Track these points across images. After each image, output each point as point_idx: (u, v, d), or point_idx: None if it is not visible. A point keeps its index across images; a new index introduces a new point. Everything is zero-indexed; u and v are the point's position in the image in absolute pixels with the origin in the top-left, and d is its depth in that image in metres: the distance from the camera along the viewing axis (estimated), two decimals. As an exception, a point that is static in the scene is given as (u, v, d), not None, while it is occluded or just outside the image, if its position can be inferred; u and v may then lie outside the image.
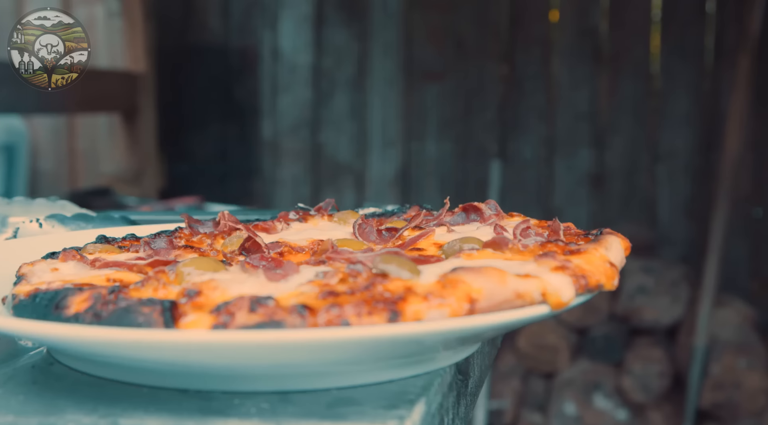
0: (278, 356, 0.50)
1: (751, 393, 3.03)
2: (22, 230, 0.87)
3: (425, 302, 0.51)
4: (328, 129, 3.82)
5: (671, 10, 3.50)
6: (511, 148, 3.64)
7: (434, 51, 3.69)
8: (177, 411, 0.52)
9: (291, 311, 0.50)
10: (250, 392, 0.54)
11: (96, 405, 0.52)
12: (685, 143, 3.51)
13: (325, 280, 0.56)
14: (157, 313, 0.52)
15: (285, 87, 3.84)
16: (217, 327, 0.50)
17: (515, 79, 3.63)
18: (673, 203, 3.54)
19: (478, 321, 0.50)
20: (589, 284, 0.56)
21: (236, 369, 0.53)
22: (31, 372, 0.59)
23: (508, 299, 0.52)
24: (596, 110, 3.58)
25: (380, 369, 0.56)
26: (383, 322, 0.50)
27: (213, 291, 0.55)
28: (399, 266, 0.55)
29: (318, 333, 0.47)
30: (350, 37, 3.77)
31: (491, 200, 0.81)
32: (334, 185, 3.83)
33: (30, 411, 0.51)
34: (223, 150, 3.96)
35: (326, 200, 0.87)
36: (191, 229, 0.82)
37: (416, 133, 3.73)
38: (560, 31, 3.60)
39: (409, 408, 0.52)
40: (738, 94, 3.22)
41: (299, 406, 0.52)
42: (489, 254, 0.62)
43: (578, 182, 3.59)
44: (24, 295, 0.60)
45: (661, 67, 3.53)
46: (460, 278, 0.53)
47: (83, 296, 0.56)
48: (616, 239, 0.63)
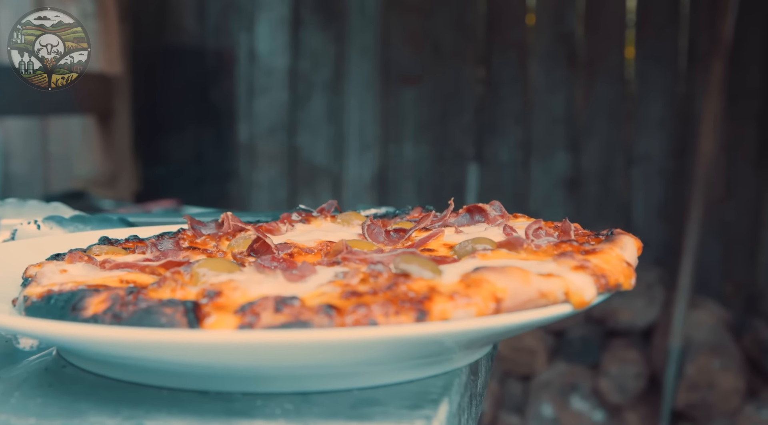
0: (306, 356, 0.49)
1: (724, 393, 3.06)
2: (21, 231, 0.86)
3: (451, 302, 0.51)
4: (305, 132, 3.81)
5: (645, 14, 3.53)
6: (488, 151, 3.65)
7: (411, 54, 3.69)
8: (201, 412, 0.51)
9: (317, 311, 0.50)
10: (271, 393, 0.54)
11: (117, 408, 0.52)
12: (659, 146, 3.55)
13: (345, 280, 0.56)
14: (180, 314, 0.51)
15: (261, 90, 3.83)
16: (243, 328, 0.50)
17: (492, 83, 3.65)
18: (648, 207, 3.57)
19: (507, 320, 0.50)
20: (608, 283, 0.56)
21: (261, 370, 0.52)
22: (45, 375, 0.58)
23: (532, 298, 0.52)
24: (572, 114, 3.60)
25: (401, 370, 0.56)
26: (410, 322, 0.50)
27: (233, 292, 0.55)
28: (421, 266, 0.55)
29: (349, 332, 0.47)
30: (327, 39, 3.77)
31: (495, 202, 0.81)
32: (310, 188, 3.82)
33: (51, 414, 0.51)
34: (199, 153, 3.94)
35: (328, 202, 0.87)
36: (194, 230, 0.81)
37: (393, 136, 3.74)
38: (536, 35, 3.62)
39: (434, 408, 0.52)
40: (711, 98, 3.26)
41: (323, 407, 0.52)
42: (504, 254, 0.63)
43: (554, 185, 3.61)
44: (36, 297, 0.59)
45: (636, 72, 3.57)
46: (483, 277, 0.53)
47: (101, 297, 0.55)
48: (630, 239, 0.63)
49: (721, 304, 3.31)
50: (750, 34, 3.40)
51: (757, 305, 3.30)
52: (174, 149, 3.90)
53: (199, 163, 3.93)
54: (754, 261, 3.46)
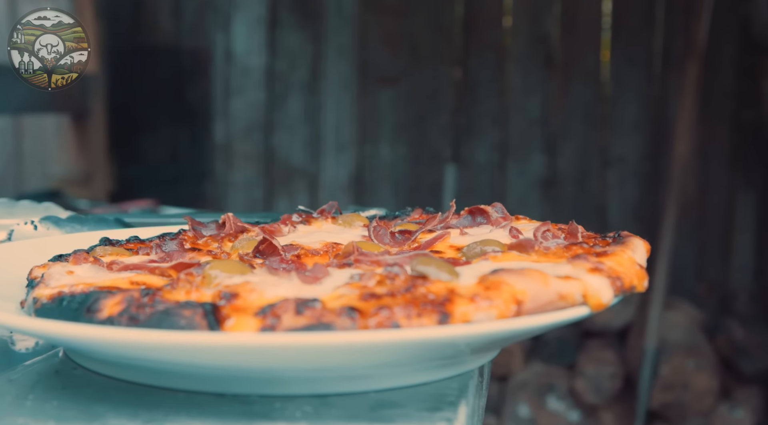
0: (331, 358, 0.49)
1: (698, 393, 3.10)
2: (17, 232, 0.85)
3: (473, 304, 0.51)
4: (282, 132, 3.80)
5: (621, 17, 3.56)
6: (465, 152, 3.67)
7: (388, 55, 3.70)
8: (221, 415, 0.51)
9: (339, 313, 0.50)
10: (288, 395, 0.54)
11: (136, 410, 0.51)
12: (635, 148, 3.58)
13: (362, 282, 0.56)
14: (199, 316, 0.51)
15: (238, 89, 3.81)
16: (265, 330, 0.50)
17: (469, 84, 3.66)
18: (623, 208, 3.60)
19: (530, 322, 0.50)
20: (623, 285, 0.57)
21: (281, 372, 0.52)
22: (57, 378, 0.58)
23: (551, 300, 0.53)
24: (548, 116, 3.62)
25: (417, 372, 0.56)
26: (433, 324, 0.50)
27: (250, 294, 0.55)
28: (438, 268, 0.55)
29: (376, 335, 0.47)
30: (304, 39, 3.76)
31: (497, 203, 0.82)
32: (287, 188, 3.81)
33: (69, 417, 0.50)
34: (174, 153, 3.92)
35: (329, 203, 0.87)
36: (195, 231, 0.81)
37: (370, 137, 3.74)
38: (513, 37, 3.63)
39: (453, 410, 0.52)
40: (686, 101, 3.29)
41: (342, 409, 0.52)
42: (515, 256, 0.63)
43: (530, 186, 3.63)
44: (46, 298, 0.59)
45: (611, 74, 3.60)
46: (502, 279, 0.53)
47: (115, 299, 0.54)
48: (640, 242, 0.64)
49: (695, 305, 3.35)
50: (723, 38, 3.44)
51: (731, 306, 3.34)
52: (149, 149, 3.87)
53: (175, 163, 3.90)
54: (727, 262, 3.51)
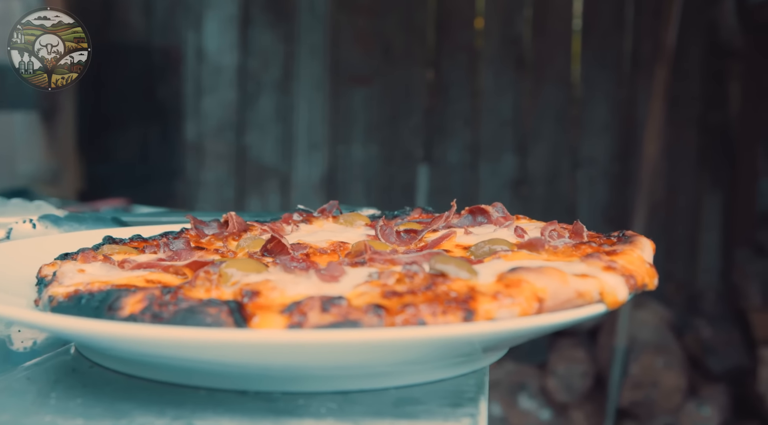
0: (358, 355, 0.50)
1: (667, 391, 3.15)
2: (16, 230, 0.84)
3: (496, 302, 0.52)
4: (254, 131, 3.79)
5: (591, 20, 3.60)
6: (437, 153, 3.68)
7: (361, 55, 3.70)
8: (247, 412, 0.51)
9: (366, 311, 0.51)
10: (310, 392, 0.55)
11: (161, 408, 0.52)
12: (604, 149, 3.62)
13: (381, 280, 0.56)
14: (225, 314, 0.52)
15: (209, 88, 3.79)
16: (293, 327, 0.50)
17: (441, 85, 3.68)
18: (593, 208, 3.64)
19: (552, 319, 0.52)
20: (636, 284, 0.58)
21: (307, 369, 0.53)
22: (75, 376, 0.58)
23: (570, 298, 0.54)
24: (519, 117, 3.65)
25: (435, 369, 0.57)
26: (458, 321, 0.51)
27: (271, 292, 0.55)
28: (458, 266, 0.56)
29: (408, 332, 0.48)
30: (276, 38, 3.75)
31: (498, 203, 0.83)
32: (259, 188, 3.80)
33: (96, 415, 0.50)
34: (145, 151, 3.89)
35: (330, 203, 0.88)
36: (197, 230, 0.81)
37: (343, 136, 3.74)
38: (485, 39, 3.66)
39: (474, 406, 0.53)
40: (655, 103, 3.34)
41: (366, 405, 0.53)
42: (525, 255, 0.64)
43: (502, 187, 3.66)
44: (63, 297, 0.59)
45: (581, 76, 3.63)
46: (522, 278, 0.54)
47: (137, 297, 0.55)
48: (647, 241, 0.65)
49: (663, 304, 3.40)
50: (691, 42, 3.50)
51: (698, 305, 3.39)
52: (120, 147, 3.84)
53: (145, 161, 3.87)
54: (694, 262, 3.56)
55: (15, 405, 0.52)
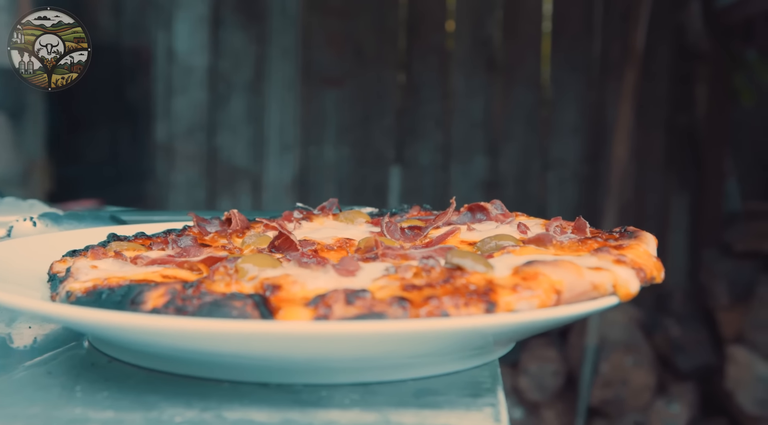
0: (385, 346, 0.51)
1: (636, 389, 3.19)
2: (17, 228, 0.84)
3: (515, 294, 0.53)
4: (225, 133, 3.78)
5: (561, 23, 3.65)
6: (409, 154, 3.70)
7: (333, 57, 3.71)
8: (274, 403, 0.52)
9: (390, 303, 0.52)
10: (330, 384, 0.56)
11: (188, 400, 0.52)
12: (574, 151, 3.66)
13: (400, 274, 0.58)
14: (250, 307, 0.52)
15: (180, 89, 3.77)
16: (319, 319, 0.51)
17: (413, 87, 3.70)
18: (563, 209, 3.68)
19: (571, 310, 0.53)
20: (646, 277, 0.60)
21: (332, 361, 0.54)
22: (96, 370, 0.58)
23: (585, 290, 0.55)
24: (490, 119, 3.68)
25: (452, 361, 0.58)
26: (480, 313, 0.52)
27: (292, 286, 0.56)
28: (474, 260, 0.57)
29: (439, 323, 0.49)
30: (248, 40, 3.75)
31: (496, 200, 0.84)
32: (230, 189, 3.79)
33: (125, 407, 0.51)
34: (114, 152, 3.86)
35: (329, 200, 0.89)
36: (200, 227, 0.82)
37: (314, 138, 3.74)
38: (456, 41, 3.68)
39: (493, 396, 0.55)
40: (624, 106, 3.39)
41: (387, 396, 0.54)
42: (533, 250, 0.65)
43: (473, 188, 3.69)
44: (81, 292, 0.59)
45: (551, 78, 3.68)
46: (538, 270, 0.55)
47: (159, 291, 0.55)
48: (651, 236, 0.67)
49: (633, 304, 3.44)
50: (659, 46, 3.55)
51: (667, 304, 3.44)
52: (89, 148, 3.81)
53: (115, 163, 3.84)
54: (662, 262, 3.61)
55: (42, 398, 0.52)
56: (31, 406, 0.50)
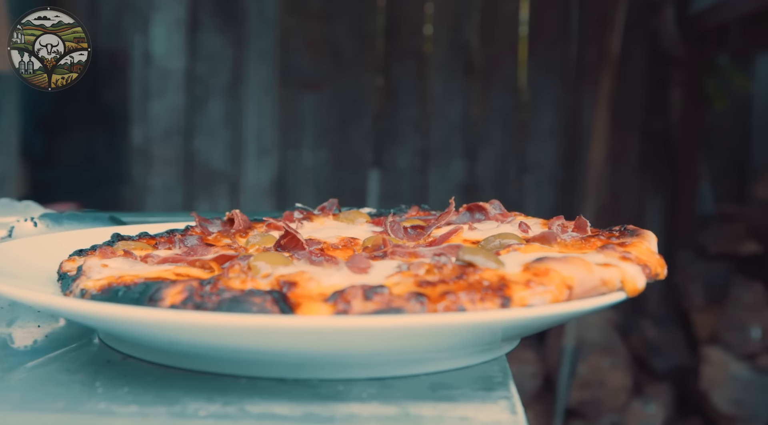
0: (405, 341, 0.52)
1: (613, 390, 3.23)
2: (18, 229, 0.84)
3: (529, 289, 0.55)
4: (202, 136, 3.77)
5: (537, 27, 3.68)
6: (387, 158, 3.72)
7: (311, 60, 3.71)
8: (294, 397, 0.53)
9: (408, 298, 0.53)
10: (346, 379, 0.56)
11: (209, 395, 0.53)
12: (550, 155, 3.70)
13: (413, 271, 0.59)
14: (269, 303, 0.53)
15: (157, 92, 3.76)
16: (339, 315, 0.52)
17: (391, 91, 3.71)
18: (539, 212, 3.69)
19: (582, 305, 0.54)
20: (651, 273, 0.61)
21: (352, 356, 0.55)
22: (112, 367, 0.59)
23: (595, 286, 0.57)
24: (468, 122, 3.71)
25: (464, 356, 0.59)
26: (495, 308, 0.53)
27: (308, 283, 0.57)
28: (485, 257, 0.59)
29: (461, 317, 0.50)
30: (225, 43, 3.74)
31: (495, 201, 0.86)
32: (208, 192, 3.78)
33: (147, 402, 0.52)
34: (90, 155, 3.83)
35: (329, 200, 0.90)
36: (202, 227, 0.82)
37: (292, 141, 3.75)
38: (434, 45, 3.71)
39: (506, 390, 0.56)
40: (600, 110, 3.43)
41: (404, 390, 0.55)
42: (538, 247, 0.67)
43: (451, 191, 3.71)
44: (96, 290, 0.59)
45: (528, 82, 3.71)
46: (549, 267, 0.57)
47: (177, 288, 0.56)
48: (652, 234, 0.69)
49: (609, 305, 3.48)
50: (634, 50, 3.60)
51: (643, 306, 3.48)
52: (65, 152, 3.78)
53: (91, 166, 3.82)
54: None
55: (64, 394, 0.52)
56: (55, 402, 0.51)
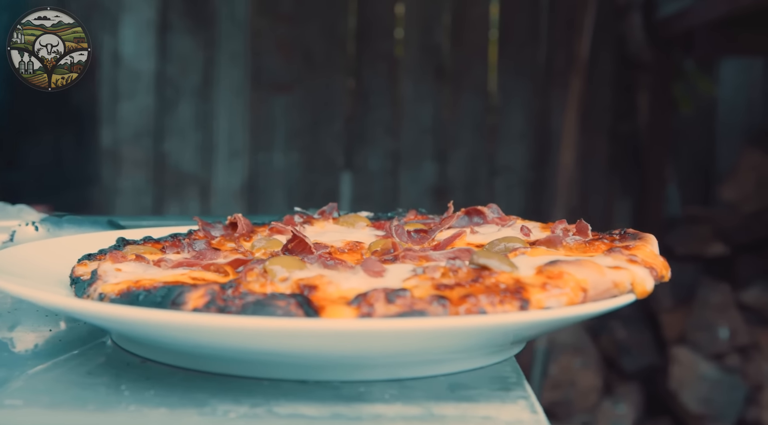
0: (428, 342, 0.53)
1: (584, 390, 3.27)
2: (19, 233, 0.84)
3: (546, 292, 0.56)
4: (173, 138, 3.75)
5: (507, 31, 3.72)
6: (358, 160, 3.73)
7: (282, 62, 3.71)
8: (319, 398, 0.54)
9: (430, 301, 0.54)
10: (365, 380, 0.58)
11: (235, 397, 0.54)
12: (521, 157, 3.73)
13: (429, 274, 0.60)
14: (294, 306, 0.54)
15: (126, 94, 3.74)
16: (363, 318, 0.53)
17: (362, 93, 3.73)
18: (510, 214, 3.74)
19: (597, 307, 0.56)
20: (657, 275, 0.63)
21: (374, 357, 0.56)
22: (132, 370, 0.59)
23: (607, 288, 0.59)
24: (439, 125, 3.73)
25: (478, 357, 0.61)
26: (515, 310, 0.55)
27: (328, 286, 0.58)
28: (500, 260, 0.60)
29: (482, 319, 0.52)
30: (196, 45, 3.73)
31: (493, 205, 0.87)
32: (178, 195, 3.76)
33: (175, 404, 0.52)
34: (58, 158, 3.79)
35: (329, 204, 0.91)
36: (205, 232, 0.83)
37: (263, 143, 3.74)
38: (405, 48, 3.73)
39: (522, 389, 0.58)
40: (570, 113, 3.48)
41: (423, 391, 0.56)
42: (544, 251, 0.69)
43: (422, 194, 3.73)
44: (115, 294, 0.60)
45: (498, 85, 3.74)
46: (563, 270, 0.58)
47: (199, 292, 0.57)
48: (653, 238, 0.71)
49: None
50: (602, 54, 3.65)
51: (611, 307, 3.53)
52: (32, 153, 3.74)
53: (60, 168, 3.78)
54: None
55: (92, 397, 0.53)
56: (86, 405, 0.51)
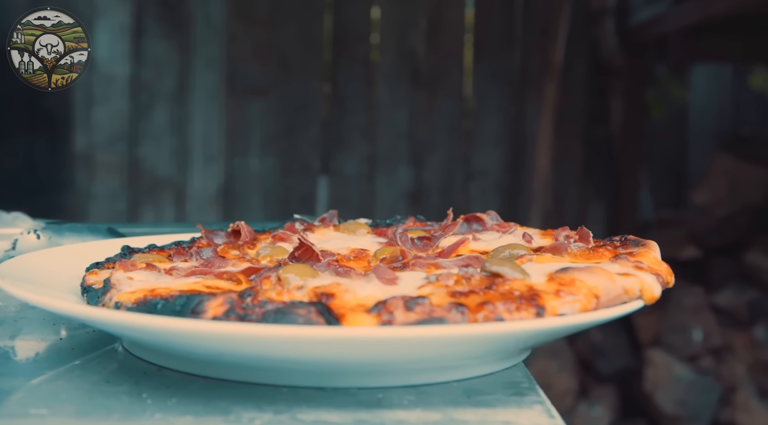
0: (447, 349, 0.54)
1: (560, 393, 3.29)
2: (21, 241, 0.84)
3: (559, 299, 0.57)
4: (147, 143, 3.73)
5: (482, 36, 3.74)
6: (334, 164, 3.73)
7: (258, 67, 3.71)
8: (340, 405, 0.55)
9: (449, 309, 0.55)
10: (382, 387, 0.58)
11: (258, 404, 0.54)
12: (496, 162, 3.76)
13: (442, 282, 0.61)
14: (314, 314, 0.55)
15: (101, 99, 3.71)
16: (383, 325, 0.54)
17: (338, 98, 3.73)
18: (485, 219, 3.76)
19: (608, 313, 0.58)
20: (663, 281, 0.65)
21: (393, 364, 0.57)
22: (150, 379, 0.59)
23: (618, 295, 0.60)
24: (415, 130, 3.75)
25: (491, 363, 0.62)
26: (531, 317, 0.56)
27: (344, 294, 0.59)
28: (512, 268, 0.61)
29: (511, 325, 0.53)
30: (171, 49, 3.72)
31: (492, 212, 0.89)
32: (153, 200, 3.74)
33: (200, 412, 0.53)
34: (31, 162, 3.76)
35: (329, 212, 0.91)
36: (208, 239, 0.83)
37: (239, 148, 3.74)
38: (381, 53, 3.74)
39: (535, 394, 0.59)
40: (545, 118, 3.51)
41: (440, 397, 0.57)
42: (550, 258, 0.70)
43: (398, 198, 3.74)
44: (132, 303, 0.60)
45: (474, 90, 3.77)
46: (574, 277, 0.60)
47: (218, 301, 0.57)
48: (655, 244, 0.72)
49: (554, 310, 3.55)
50: (576, 60, 3.69)
51: (586, 310, 3.56)
52: (5, 158, 3.70)
53: (33, 172, 3.75)
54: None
55: (116, 406, 0.53)
56: (111, 413, 0.52)
